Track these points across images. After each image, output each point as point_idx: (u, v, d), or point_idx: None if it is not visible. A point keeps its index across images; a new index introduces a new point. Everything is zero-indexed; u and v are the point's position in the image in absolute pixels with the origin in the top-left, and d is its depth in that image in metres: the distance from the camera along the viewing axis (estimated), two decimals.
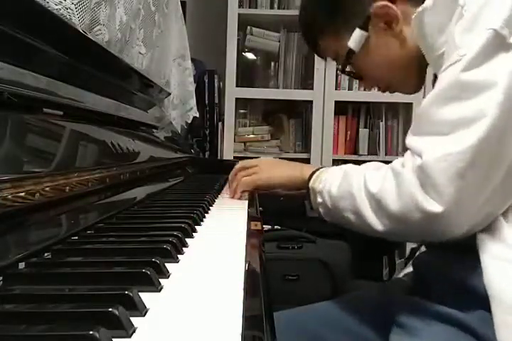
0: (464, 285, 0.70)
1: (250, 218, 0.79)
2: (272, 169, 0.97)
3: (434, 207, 0.64)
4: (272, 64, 2.47)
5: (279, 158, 2.40)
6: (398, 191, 0.68)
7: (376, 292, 0.94)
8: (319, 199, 0.81)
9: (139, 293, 0.37)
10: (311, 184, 0.84)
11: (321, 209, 0.82)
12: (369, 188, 0.72)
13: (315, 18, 0.90)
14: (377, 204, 0.70)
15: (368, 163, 0.80)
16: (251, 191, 1.01)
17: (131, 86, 1.16)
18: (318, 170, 0.86)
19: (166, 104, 1.67)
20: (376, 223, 0.71)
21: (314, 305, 0.92)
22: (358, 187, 0.74)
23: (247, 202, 0.96)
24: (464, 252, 0.69)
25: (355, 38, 0.84)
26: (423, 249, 0.87)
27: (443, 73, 0.68)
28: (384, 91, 0.94)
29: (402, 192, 0.67)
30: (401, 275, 0.94)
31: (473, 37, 0.65)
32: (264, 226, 0.80)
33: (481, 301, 0.66)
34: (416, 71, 0.86)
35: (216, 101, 2.46)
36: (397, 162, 0.72)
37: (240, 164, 1.03)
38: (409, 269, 0.91)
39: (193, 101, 2.00)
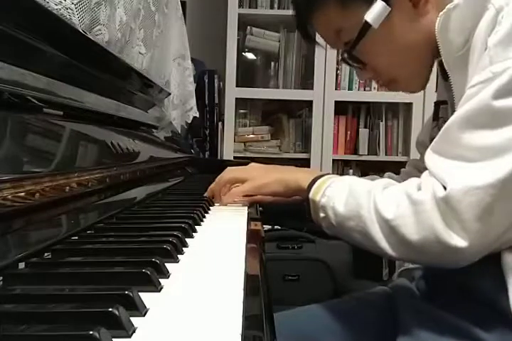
0: (488, 303, 0.69)
1: (250, 218, 0.79)
2: (263, 177, 0.89)
3: (458, 241, 0.61)
4: (272, 64, 2.47)
5: (279, 158, 2.42)
6: (416, 221, 0.63)
7: (378, 295, 0.92)
8: (322, 214, 0.75)
9: (139, 293, 0.37)
10: (311, 196, 0.76)
11: (323, 224, 0.76)
12: (382, 213, 0.66)
13: None
14: (392, 231, 0.66)
15: (375, 181, 0.74)
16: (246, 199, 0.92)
17: (131, 86, 1.15)
18: (316, 179, 0.78)
19: (166, 104, 1.67)
20: (388, 248, 0.67)
21: (314, 307, 0.91)
22: (368, 208, 0.68)
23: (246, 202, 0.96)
24: (488, 267, 0.67)
25: (376, 12, 0.73)
26: None
27: (472, 89, 0.63)
28: (383, 85, 0.85)
29: (421, 224, 0.63)
30: (398, 271, 0.93)
31: (510, 55, 0.60)
32: (264, 226, 0.79)
33: (507, 322, 0.64)
34: (427, 65, 0.79)
35: (216, 101, 2.46)
36: (411, 184, 0.67)
37: (228, 173, 0.94)
38: (411, 266, 0.90)
39: (193, 101, 2.00)
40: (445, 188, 0.61)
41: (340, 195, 0.73)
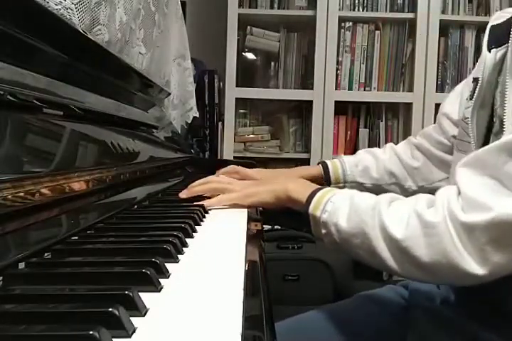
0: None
1: (250, 218, 0.79)
2: (251, 186, 0.89)
3: (475, 268, 0.58)
4: (272, 64, 2.46)
5: (279, 158, 2.42)
6: (428, 243, 0.60)
7: (388, 295, 0.91)
8: (323, 230, 0.72)
9: (139, 293, 0.37)
10: (311, 211, 0.74)
11: (325, 240, 0.73)
12: (390, 232, 0.63)
13: None
14: (401, 252, 0.63)
15: (380, 196, 0.70)
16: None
17: (131, 86, 1.15)
18: (315, 192, 0.75)
19: (166, 104, 1.67)
20: (395, 267, 0.64)
21: (314, 312, 0.88)
22: (373, 225, 0.65)
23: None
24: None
25: None
26: None
27: None
28: None
29: (433, 247, 0.60)
30: None
31: None
32: (264, 226, 0.79)
33: None
34: None
35: (216, 101, 2.46)
36: (420, 201, 0.64)
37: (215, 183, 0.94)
38: None
39: (193, 101, 2.00)
40: (463, 209, 0.58)
41: (342, 210, 0.70)
